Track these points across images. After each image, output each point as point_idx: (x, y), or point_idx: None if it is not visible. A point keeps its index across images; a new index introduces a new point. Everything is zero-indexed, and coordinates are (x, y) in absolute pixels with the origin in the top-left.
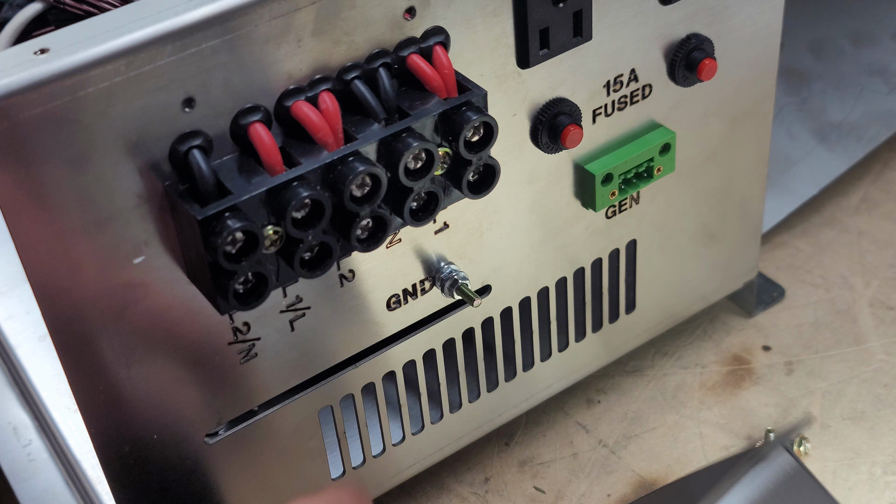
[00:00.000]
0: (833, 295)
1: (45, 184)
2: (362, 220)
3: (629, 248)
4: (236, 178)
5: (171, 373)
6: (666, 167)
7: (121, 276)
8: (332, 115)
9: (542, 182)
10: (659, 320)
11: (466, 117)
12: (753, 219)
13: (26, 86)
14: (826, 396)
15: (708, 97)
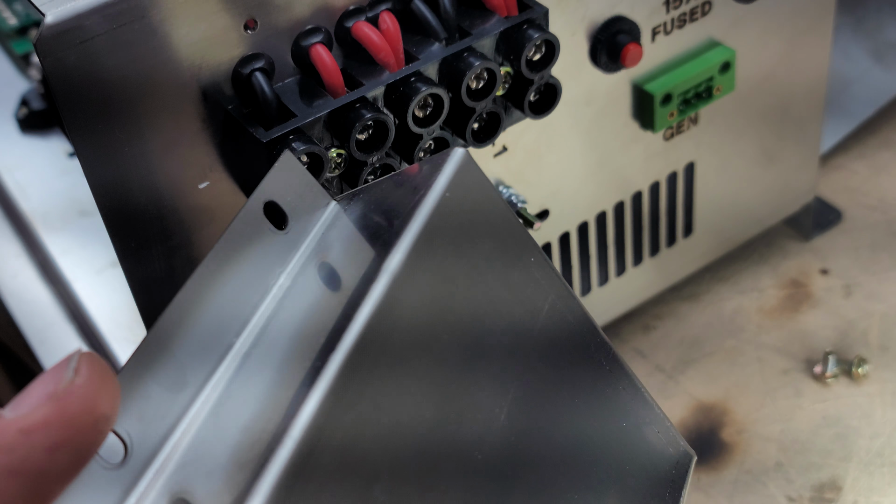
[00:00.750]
0: (890, 217)
1: (115, 107)
2: (425, 142)
3: (687, 170)
4: (298, 100)
5: None
6: (726, 87)
7: (188, 200)
8: (393, 36)
9: (601, 103)
10: (715, 245)
11: (528, 35)
12: (811, 140)
13: (93, 8)
14: (884, 319)
15: (767, 15)
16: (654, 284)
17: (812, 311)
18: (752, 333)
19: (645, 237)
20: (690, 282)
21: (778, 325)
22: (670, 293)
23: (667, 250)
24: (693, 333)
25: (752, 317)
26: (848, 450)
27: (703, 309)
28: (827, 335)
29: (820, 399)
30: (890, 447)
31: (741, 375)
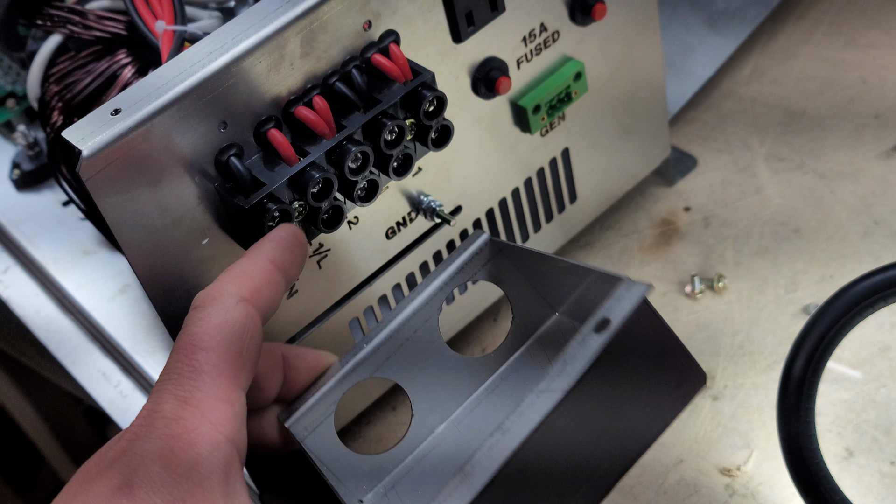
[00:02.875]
0: (735, 156)
1: (135, 201)
2: (360, 184)
3: (564, 154)
4: (265, 171)
5: None
6: (581, 90)
7: (196, 254)
8: (325, 112)
9: (487, 121)
10: (599, 202)
11: (423, 95)
12: (659, 111)
13: (112, 140)
14: (736, 240)
15: (604, 29)
16: (556, 241)
17: (680, 243)
18: (636, 267)
19: (540, 209)
20: (584, 233)
21: (655, 257)
22: (569, 245)
23: (559, 215)
24: None
25: (634, 254)
26: (716, 347)
27: (597, 253)
28: (693, 260)
29: (692, 311)
30: (748, 341)
31: None
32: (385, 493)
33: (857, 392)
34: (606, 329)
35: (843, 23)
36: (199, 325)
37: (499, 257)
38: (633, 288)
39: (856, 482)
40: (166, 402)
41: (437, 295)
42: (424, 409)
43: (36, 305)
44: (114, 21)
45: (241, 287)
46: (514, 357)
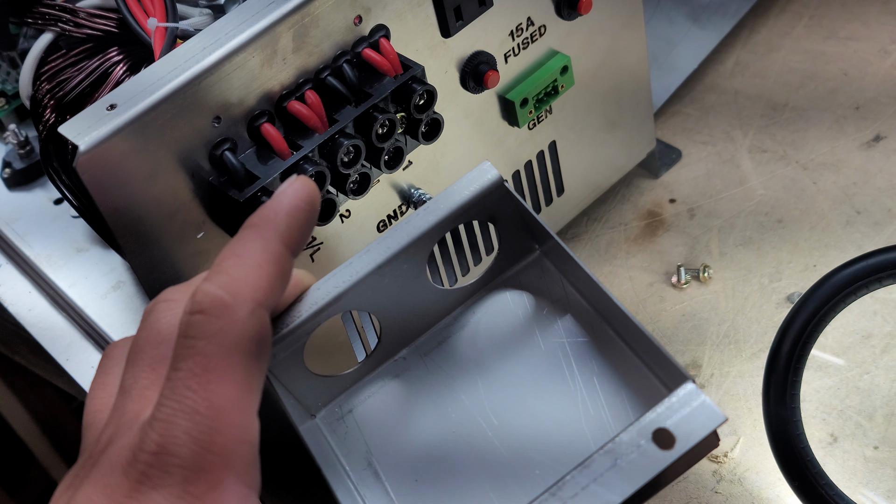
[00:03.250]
0: (719, 148)
1: (131, 196)
2: (352, 177)
3: (551, 147)
4: (258, 165)
5: None
6: (567, 83)
7: (190, 247)
8: (317, 107)
9: (476, 115)
10: (585, 195)
11: (413, 89)
12: (644, 104)
13: (108, 135)
14: (721, 231)
15: (590, 23)
16: None
17: (666, 234)
18: (622, 259)
19: (528, 202)
20: (571, 225)
21: (641, 249)
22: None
23: (547, 207)
24: None
25: (621, 246)
26: (703, 336)
27: (584, 245)
28: (679, 251)
29: (678, 301)
30: (734, 329)
31: (617, 292)
32: (339, 407)
33: (840, 379)
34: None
35: (824, 16)
36: (211, 343)
37: (502, 199)
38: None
39: (840, 467)
40: (180, 444)
41: (433, 232)
42: (393, 335)
43: (29, 303)
44: (105, 19)
45: (256, 290)
46: (487, 288)
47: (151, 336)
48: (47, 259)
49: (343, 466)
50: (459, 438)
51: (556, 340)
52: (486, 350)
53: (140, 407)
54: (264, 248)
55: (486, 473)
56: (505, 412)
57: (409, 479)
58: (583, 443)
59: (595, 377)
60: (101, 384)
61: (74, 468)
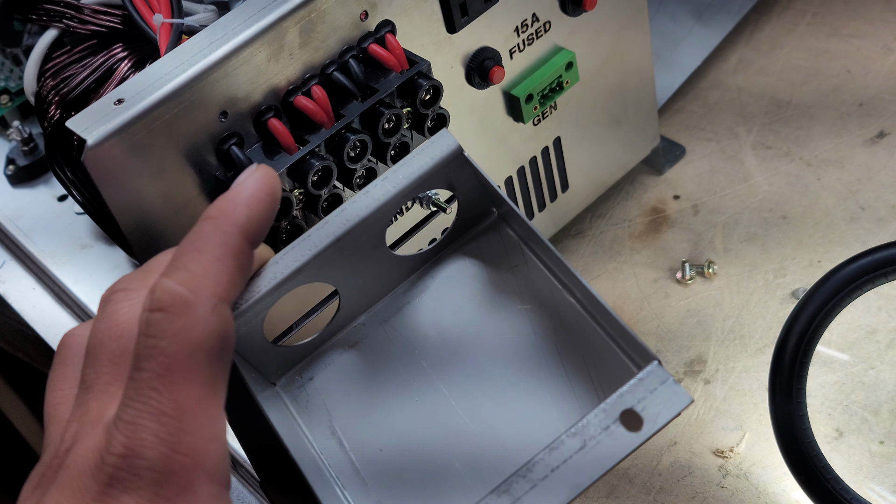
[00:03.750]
0: (723, 145)
1: (138, 190)
2: (358, 172)
3: (555, 143)
4: (265, 160)
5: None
6: (572, 79)
7: None
8: (324, 102)
9: (481, 111)
10: (590, 191)
11: (419, 84)
12: (648, 100)
13: (116, 129)
14: (725, 227)
15: (595, 19)
16: (548, 229)
17: (670, 231)
18: (626, 255)
19: (532, 198)
20: (575, 222)
21: (646, 245)
22: (561, 233)
23: (552, 204)
24: (583, 262)
25: (625, 242)
26: (707, 332)
27: (588, 242)
28: (683, 247)
29: (683, 297)
30: (738, 325)
31: (622, 289)
32: (300, 374)
33: (845, 374)
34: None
35: (827, 13)
36: (173, 343)
37: (461, 167)
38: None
39: (846, 461)
40: (148, 445)
41: (392, 203)
42: (351, 302)
43: (33, 300)
44: (109, 15)
45: (216, 285)
46: (445, 251)
47: (110, 328)
48: (51, 256)
49: (306, 435)
50: (422, 407)
51: (517, 307)
52: (447, 317)
53: (103, 404)
54: (223, 241)
55: (450, 443)
56: (467, 380)
57: (373, 448)
58: (547, 413)
59: (557, 346)
60: (60, 375)
61: (40, 466)
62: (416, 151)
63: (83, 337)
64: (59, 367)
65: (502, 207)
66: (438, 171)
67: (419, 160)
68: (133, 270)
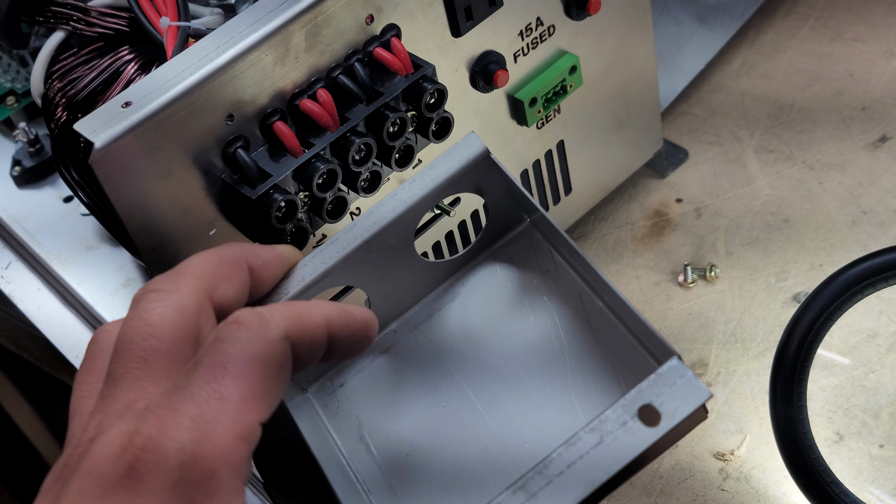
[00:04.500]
0: (726, 148)
1: (145, 192)
2: (363, 175)
3: (559, 147)
4: (271, 163)
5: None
6: (576, 83)
7: (203, 244)
8: (329, 105)
9: (485, 114)
10: (592, 194)
11: (424, 87)
12: (651, 104)
13: (123, 132)
14: (727, 230)
15: (598, 23)
16: None
17: (673, 234)
18: (629, 258)
19: (536, 201)
20: (578, 225)
21: (648, 248)
22: None
23: (555, 206)
24: None
25: (628, 245)
26: (709, 335)
27: (591, 244)
28: (685, 250)
29: (685, 300)
30: (740, 328)
31: (625, 292)
32: (331, 381)
33: (846, 378)
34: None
35: (830, 17)
36: (236, 347)
37: (488, 170)
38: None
39: (846, 465)
40: (182, 428)
41: (420, 205)
42: (382, 308)
43: (38, 300)
44: (116, 18)
45: (290, 324)
46: (476, 259)
47: (141, 326)
48: (57, 256)
49: (335, 441)
50: (450, 412)
51: (546, 312)
52: (476, 323)
53: (132, 398)
54: (310, 306)
55: (475, 447)
56: (495, 385)
57: (400, 452)
58: (572, 415)
59: (584, 349)
60: (88, 369)
61: (62, 457)
62: (443, 154)
63: (114, 333)
64: (88, 361)
65: (534, 214)
66: (466, 175)
67: (446, 163)
68: (166, 272)
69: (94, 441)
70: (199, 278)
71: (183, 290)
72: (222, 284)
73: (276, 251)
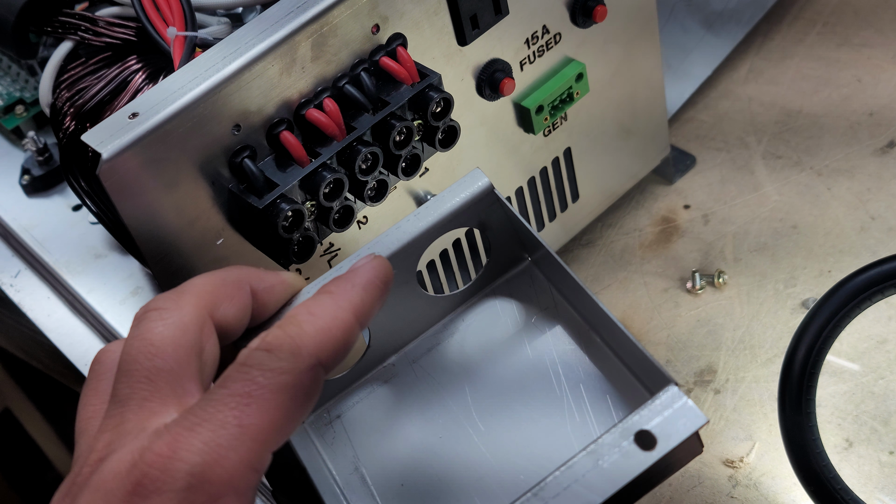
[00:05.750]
0: (733, 154)
1: (153, 203)
2: (370, 184)
3: (566, 154)
4: (277, 172)
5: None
6: (582, 91)
7: (210, 254)
8: (335, 114)
9: (491, 122)
10: (600, 201)
11: (430, 96)
12: (658, 111)
13: (131, 143)
14: (735, 237)
15: (605, 31)
16: (559, 239)
17: (680, 240)
18: (637, 265)
19: (543, 208)
20: (586, 232)
21: (656, 255)
22: (572, 243)
23: (562, 214)
24: (593, 272)
25: (635, 252)
26: (718, 341)
27: (598, 251)
28: (693, 257)
29: (693, 307)
30: (749, 335)
31: (633, 298)
32: (328, 412)
33: (855, 384)
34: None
35: (837, 23)
36: (266, 376)
37: (492, 206)
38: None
39: (856, 472)
40: (194, 450)
41: (423, 239)
42: (382, 340)
43: (48, 309)
44: (124, 28)
45: (321, 349)
46: (477, 296)
47: (144, 346)
48: (66, 265)
49: (330, 471)
50: (446, 444)
51: (544, 348)
52: (475, 357)
53: (142, 418)
54: (335, 314)
55: (471, 479)
56: (491, 418)
57: (395, 483)
58: (568, 449)
59: (581, 384)
60: (93, 390)
61: (70, 476)
62: (448, 189)
63: (116, 353)
64: (93, 382)
65: (536, 252)
66: (469, 209)
67: (450, 197)
68: (168, 291)
69: (106, 460)
70: (200, 296)
71: (184, 307)
72: (224, 304)
73: (279, 276)
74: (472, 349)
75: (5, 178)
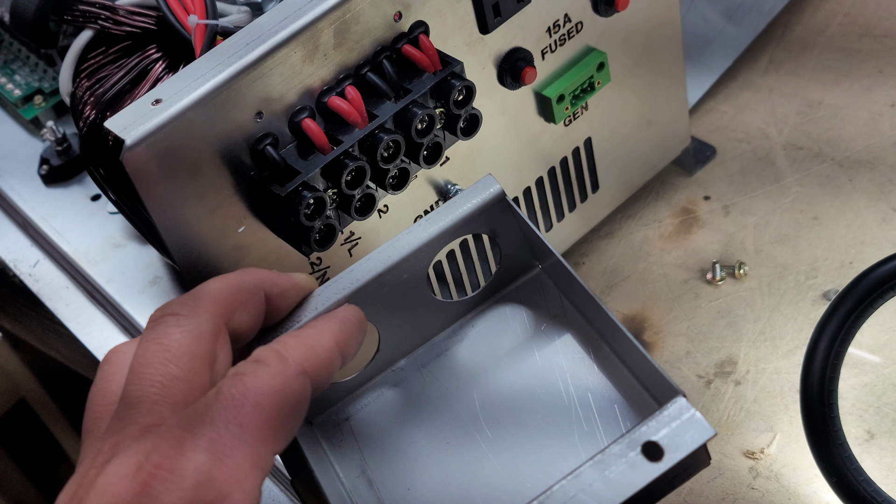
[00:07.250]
0: (754, 146)
1: (175, 190)
2: (391, 172)
3: (586, 144)
4: (299, 160)
5: None
6: (604, 80)
7: (231, 242)
8: (357, 102)
9: (512, 111)
10: (619, 192)
11: (452, 84)
12: (679, 101)
13: (154, 129)
14: (756, 228)
15: (627, 20)
16: (578, 230)
17: (701, 231)
18: (657, 256)
19: (563, 199)
20: (605, 223)
21: (676, 246)
22: (591, 234)
23: (582, 204)
24: (612, 263)
25: (655, 243)
26: (738, 333)
27: (618, 243)
28: (714, 248)
29: (714, 298)
30: (769, 326)
31: (653, 290)
32: (336, 415)
33: (877, 376)
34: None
35: (859, 13)
36: (256, 381)
37: (503, 213)
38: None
39: (878, 464)
40: (199, 451)
41: (434, 243)
42: (391, 344)
43: (66, 298)
44: (144, 16)
45: (306, 359)
46: (487, 302)
47: (160, 351)
48: (85, 255)
49: (337, 473)
50: (453, 449)
51: (553, 356)
52: (484, 363)
53: (150, 421)
54: (317, 337)
55: (477, 485)
56: (499, 425)
57: (401, 487)
58: (575, 458)
59: (590, 393)
60: (102, 391)
61: (76, 477)
62: (460, 194)
63: (128, 355)
64: (101, 383)
65: (546, 260)
66: (481, 215)
67: (461, 203)
68: (184, 295)
69: (111, 461)
70: (217, 304)
71: (201, 316)
72: (239, 311)
73: (293, 280)
74: (481, 355)
75: (24, 168)
